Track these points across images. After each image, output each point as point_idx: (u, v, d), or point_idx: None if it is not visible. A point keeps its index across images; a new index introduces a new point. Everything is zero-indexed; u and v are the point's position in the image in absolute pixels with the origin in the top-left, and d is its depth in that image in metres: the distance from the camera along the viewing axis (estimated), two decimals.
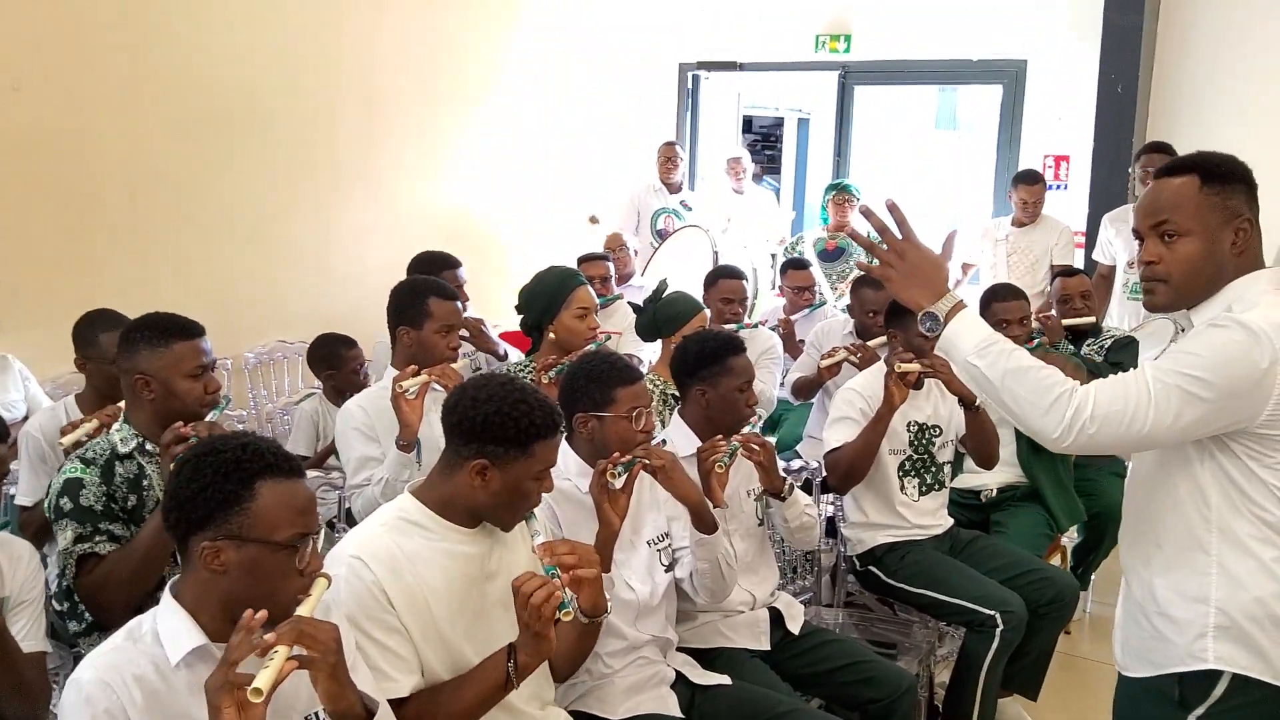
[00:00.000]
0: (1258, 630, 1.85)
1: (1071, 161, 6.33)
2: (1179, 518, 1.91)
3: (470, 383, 2.07)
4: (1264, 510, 1.84)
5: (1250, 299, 1.85)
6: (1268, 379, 1.77)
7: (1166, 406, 1.78)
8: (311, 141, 5.24)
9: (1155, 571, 1.96)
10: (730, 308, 4.57)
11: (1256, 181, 1.93)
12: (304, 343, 4.76)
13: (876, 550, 3.48)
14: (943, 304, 1.90)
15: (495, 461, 1.97)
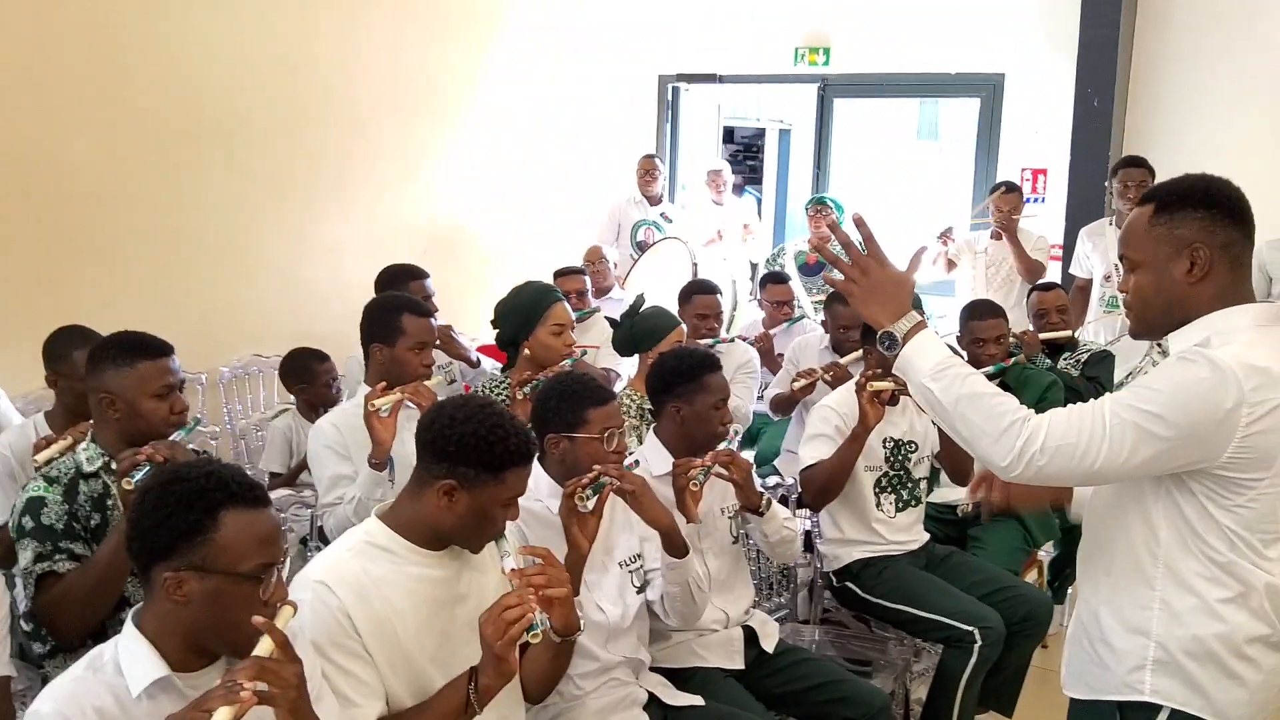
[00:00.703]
0: (1196, 667, 1.84)
1: (1049, 175, 6.36)
2: (1128, 549, 1.90)
3: (449, 402, 2.06)
4: (1214, 550, 1.81)
5: (1229, 334, 1.79)
6: (1230, 421, 1.72)
7: (1121, 443, 1.74)
8: (287, 155, 5.21)
9: (1101, 599, 1.95)
10: (705, 323, 4.57)
11: (1238, 204, 1.85)
12: (279, 356, 4.73)
13: (853, 566, 3.48)
14: (902, 323, 1.87)
15: (464, 484, 1.95)
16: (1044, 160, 6.37)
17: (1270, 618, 1.85)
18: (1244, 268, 1.86)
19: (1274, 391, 1.74)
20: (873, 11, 6.90)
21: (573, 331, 3.67)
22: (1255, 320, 1.81)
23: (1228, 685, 1.84)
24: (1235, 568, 1.81)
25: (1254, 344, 1.77)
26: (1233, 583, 1.82)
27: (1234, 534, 1.80)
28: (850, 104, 7.52)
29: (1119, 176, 5.22)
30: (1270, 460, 1.76)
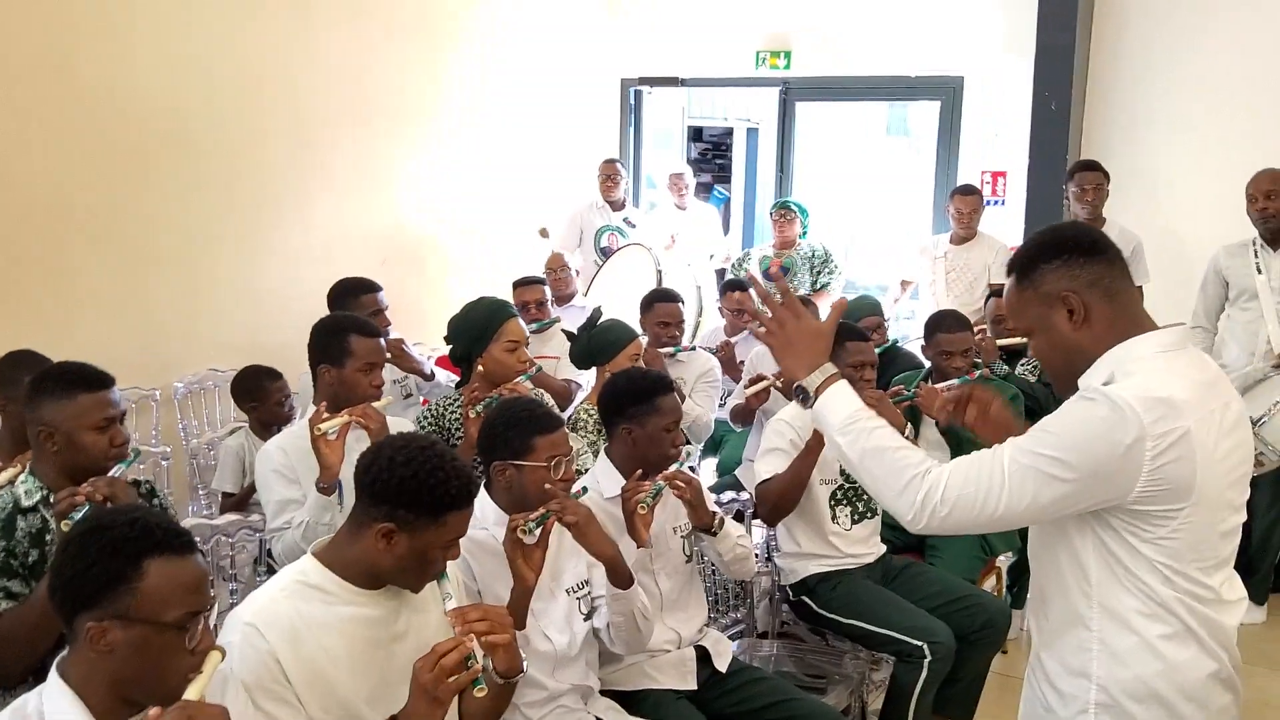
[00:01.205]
0: (1140, 709, 1.81)
1: (1009, 177, 6.38)
2: (1061, 591, 1.87)
3: (388, 442, 2.02)
4: (1149, 587, 1.78)
5: (1130, 366, 1.79)
6: (1134, 456, 1.70)
7: (1021, 489, 1.74)
8: (237, 166, 5.14)
9: (1043, 642, 1.94)
10: (667, 331, 4.57)
11: (1090, 240, 1.86)
12: (235, 370, 4.68)
13: (809, 580, 3.49)
14: (815, 377, 1.89)
15: (403, 527, 1.92)
16: (1004, 163, 6.39)
17: (1217, 651, 1.82)
18: (1123, 294, 1.85)
19: (1178, 421, 1.72)
20: (833, 15, 6.90)
21: (528, 346, 3.65)
22: (1159, 346, 1.81)
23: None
24: (1174, 603, 1.78)
25: (1156, 373, 1.76)
26: (1172, 619, 1.79)
27: (1166, 567, 1.77)
28: (814, 104, 7.52)
29: (1075, 180, 5.26)
30: (1188, 489, 1.74)
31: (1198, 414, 1.75)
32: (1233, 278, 4.65)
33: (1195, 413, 1.74)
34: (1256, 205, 4.47)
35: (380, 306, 4.20)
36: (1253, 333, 4.56)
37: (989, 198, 6.31)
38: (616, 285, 6.01)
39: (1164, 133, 5.88)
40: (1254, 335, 4.55)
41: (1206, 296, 4.76)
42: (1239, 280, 4.61)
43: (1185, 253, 5.38)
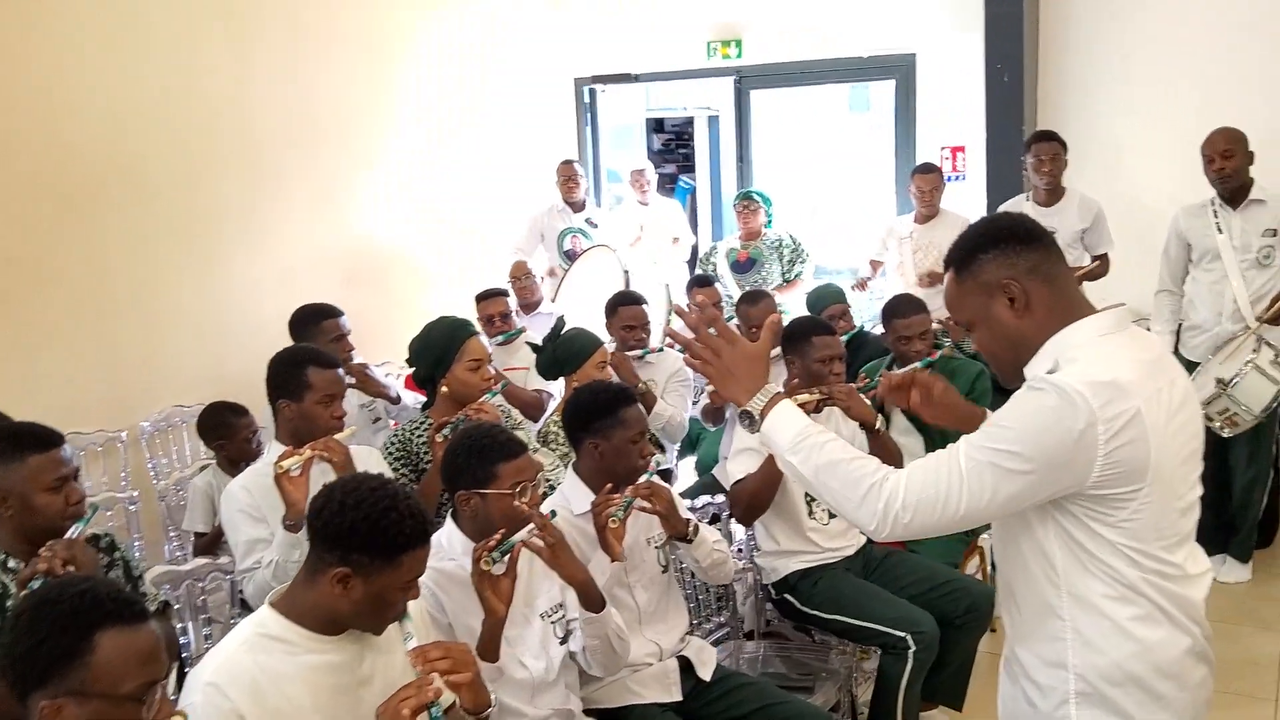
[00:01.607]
0: (1119, 693, 1.81)
1: (967, 152, 6.37)
2: (1029, 582, 1.87)
3: (339, 485, 1.99)
4: (1115, 570, 1.78)
5: (1073, 352, 1.79)
6: (1086, 442, 1.70)
7: (980, 486, 1.73)
8: (189, 197, 5.06)
9: (1017, 636, 1.93)
10: (633, 334, 4.54)
11: (1023, 229, 1.87)
12: (201, 405, 4.62)
13: (790, 578, 3.47)
14: (758, 400, 1.86)
15: (359, 571, 1.89)
16: (962, 138, 6.36)
17: (1189, 626, 1.83)
18: (1060, 279, 1.87)
19: (1127, 402, 1.72)
20: (781, 0, 6.86)
21: (492, 362, 3.61)
22: (1098, 330, 1.82)
23: (1153, 707, 1.82)
24: (1142, 584, 1.78)
25: (1099, 358, 1.76)
26: (1142, 600, 1.79)
27: (1130, 549, 1.77)
28: (769, 93, 7.49)
29: (1032, 151, 5.25)
30: (1143, 469, 1.74)
31: (1145, 393, 1.75)
32: (1194, 239, 4.64)
33: (1142, 392, 1.74)
34: (1214, 165, 4.46)
35: (342, 331, 4.16)
36: (1219, 293, 4.56)
37: (949, 174, 6.29)
38: (584, 289, 5.97)
39: (1118, 98, 5.88)
40: (1220, 295, 4.55)
41: (1170, 260, 4.76)
42: (1200, 241, 4.61)
43: (1147, 217, 5.38)
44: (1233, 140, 4.44)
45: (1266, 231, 4.47)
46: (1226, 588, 4.65)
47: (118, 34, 4.78)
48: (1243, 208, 4.50)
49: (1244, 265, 4.48)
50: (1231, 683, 3.85)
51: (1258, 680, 3.87)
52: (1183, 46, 5.68)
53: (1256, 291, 4.45)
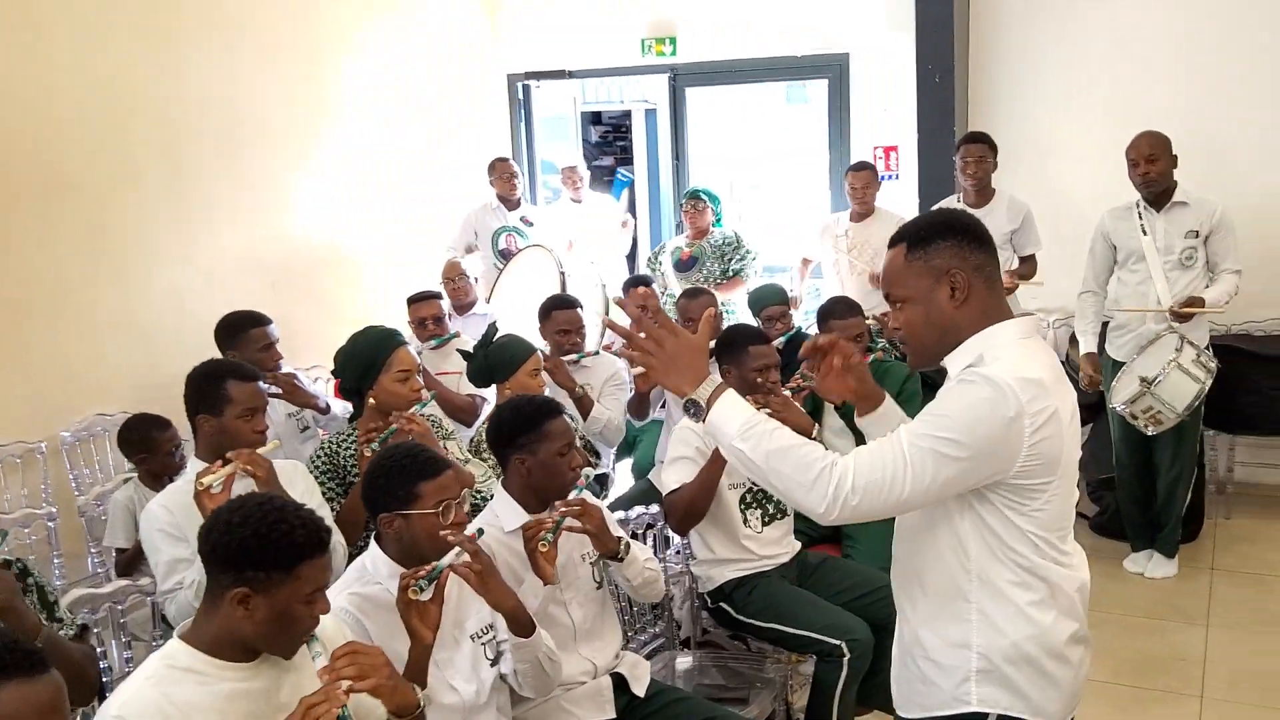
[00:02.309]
0: (1015, 672, 1.94)
1: (900, 151, 6.40)
2: (941, 567, 1.97)
3: (226, 507, 1.95)
4: (1020, 556, 1.91)
5: (998, 350, 1.91)
6: (1015, 432, 1.83)
7: (923, 470, 1.83)
8: (108, 200, 4.91)
9: (921, 618, 2.03)
10: (568, 339, 4.50)
11: (978, 229, 1.99)
12: (125, 414, 4.50)
13: (725, 586, 3.47)
14: (704, 389, 1.90)
15: (257, 588, 1.84)
16: (895, 137, 6.40)
17: (1078, 612, 1.99)
18: (998, 285, 1.99)
19: (1049, 400, 1.86)
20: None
21: (420, 374, 3.55)
22: (1018, 334, 1.95)
23: (1044, 685, 1.95)
24: (1041, 569, 1.93)
25: (1023, 358, 1.89)
26: (1040, 585, 1.93)
27: (1037, 537, 1.91)
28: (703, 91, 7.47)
29: (961, 153, 5.28)
30: (1055, 463, 1.89)
31: (1057, 394, 1.90)
32: (1119, 240, 4.71)
33: (1057, 394, 1.89)
34: (1139, 170, 4.52)
35: (270, 340, 4.08)
36: (1142, 293, 4.63)
37: (883, 172, 6.32)
38: (519, 290, 5.91)
39: (1047, 100, 5.94)
40: (1144, 296, 4.62)
41: (1095, 260, 4.82)
42: (1125, 243, 4.67)
43: (1075, 218, 5.44)
44: (1157, 145, 4.51)
45: (1189, 233, 4.55)
46: (1153, 583, 4.74)
47: (33, 30, 4.62)
48: (1166, 210, 4.57)
49: (1167, 266, 4.56)
50: (1158, 678, 3.93)
51: (1184, 676, 3.95)
52: (1110, 50, 5.75)
53: (1180, 292, 4.53)
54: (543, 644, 2.49)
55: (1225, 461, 5.47)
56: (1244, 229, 4.62)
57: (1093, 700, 2.74)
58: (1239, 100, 5.49)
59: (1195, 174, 4.66)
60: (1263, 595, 4.57)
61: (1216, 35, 5.52)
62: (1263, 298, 5.25)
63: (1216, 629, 4.29)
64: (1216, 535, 5.17)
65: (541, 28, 7.36)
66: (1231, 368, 4.78)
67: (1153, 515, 4.85)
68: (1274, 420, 5.26)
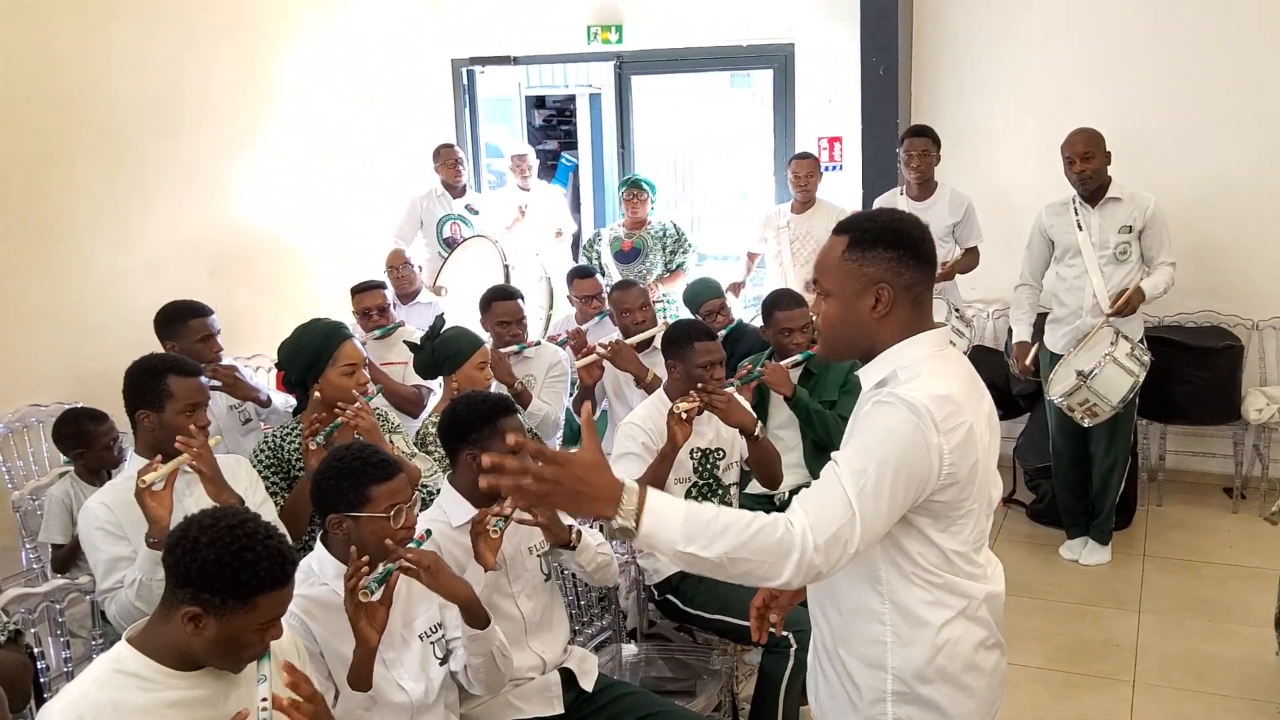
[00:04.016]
0: (932, 690, 1.95)
1: (844, 143, 6.44)
2: (853, 589, 1.96)
3: (195, 521, 1.89)
4: (933, 574, 1.91)
5: (913, 367, 1.89)
6: (935, 452, 1.82)
7: (867, 511, 1.77)
8: (40, 184, 4.78)
9: (837, 638, 2.03)
10: (508, 330, 4.47)
11: (923, 245, 1.95)
12: (61, 405, 4.41)
13: (673, 579, 3.49)
14: (626, 507, 1.66)
15: (210, 611, 1.81)
16: (838, 128, 6.44)
17: (988, 621, 2.00)
18: (924, 305, 1.96)
19: (962, 416, 1.85)
20: None
21: (366, 366, 3.52)
22: (932, 346, 1.93)
23: (960, 698, 1.97)
24: (954, 585, 1.93)
25: (935, 373, 1.88)
26: (954, 599, 1.94)
27: (954, 553, 1.92)
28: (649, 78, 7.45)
29: (904, 146, 5.34)
30: (971, 478, 1.88)
31: (971, 409, 1.89)
32: (1056, 236, 4.79)
33: (970, 408, 1.89)
34: (1074, 167, 4.60)
35: (211, 331, 4.00)
36: (1079, 288, 4.72)
37: (827, 163, 6.37)
38: (463, 280, 5.87)
39: (988, 94, 6.01)
40: (1081, 290, 4.71)
41: (1032, 255, 4.91)
42: (1062, 238, 4.76)
43: (1014, 211, 5.53)
44: (1091, 142, 4.59)
45: (1123, 229, 4.64)
46: (1087, 570, 4.85)
47: None
48: (1101, 205, 4.66)
49: (1103, 261, 4.65)
50: (1093, 664, 4.03)
51: (1118, 661, 4.05)
52: (1049, 45, 5.83)
53: (1115, 286, 4.63)
54: (496, 637, 2.48)
55: (1157, 450, 5.62)
56: (1173, 223, 4.72)
57: (1028, 685, 2.83)
58: (1169, 96, 5.60)
59: (1126, 170, 4.76)
60: (1193, 581, 4.70)
61: (1149, 31, 5.62)
62: (1192, 290, 5.39)
63: (1149, 614, 4.41)
64: (1148, 522, 5.30)
65: (486, 13, 7.29)
66: (1163, 359, 4.90)
67: (1088, 503, 4.97)
68: (1204, 410, 5.41)
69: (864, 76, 5.95)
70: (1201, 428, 5.56)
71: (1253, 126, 5.47)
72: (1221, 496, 5.57)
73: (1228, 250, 5.56)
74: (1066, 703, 3.79)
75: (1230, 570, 4.80)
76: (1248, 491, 5.50)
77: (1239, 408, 5.40)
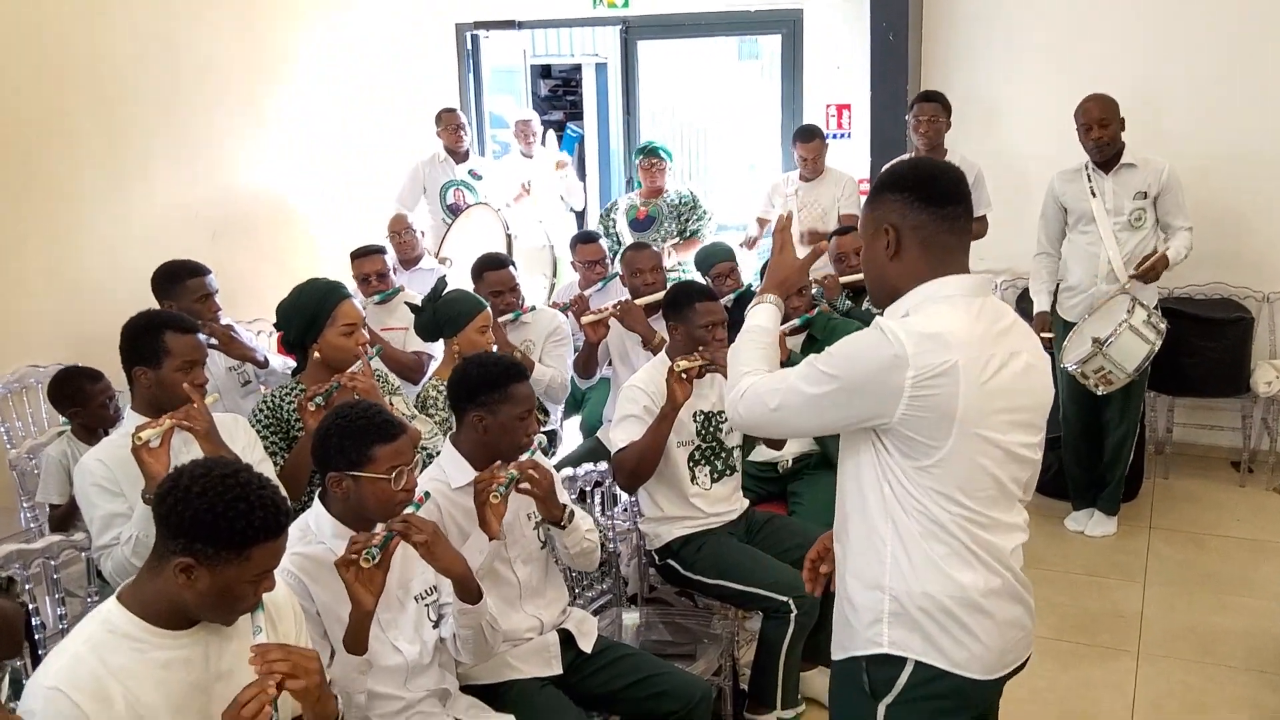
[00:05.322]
0: (928, 621, 1.94)
1: (853, 110, 6.37)
2: (861, 509, 2.00)
3: (187, 470, 1.84)
4: (926, 510, 1.92)
5: (925, 305, 1.94)
6: (893, 380, 1.85)
7: (795, 392, 1.95)
8: (39, 146, 4.73)
9: (845, 560, 2.06)
10: (502, 299, 4.40)
11: (937, 187, 1.97)
12: (58, 364, 4.37)
13: (673, 544, 3.46)
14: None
15: (203, 561, 1.77)
16: (847, 95, 6.36)
17: (1000, 571, 1.97)
18: (937, 248, 1.97)
19: (945, 355, 1.85)
20: None
21: (366, 326, 3.47)
22: (957, 290, 1.95)
23: (962, 636, 1.95)
24: (952, 526, 1.92)
25: (937, 315, 1.90)
26: (953, 541, 1.93)
27: (940, 494, 1.91)
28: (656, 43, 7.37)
29: (914, 111, 5.27)
30: (949, 421, 1.87)
31: (970, 353, 1.87)
32: (1069, 203, 4.73)
33: (967, 351, 1.87)
34: (1090, 134, 4.53)
35: (209, 290, 3.96)
36: (1093, 255, 4.66)
37: (834, 131, 6.30)
38: (466, 249, 5.81)
39: (1000, 60, 5.92)
40: (1094, 258, 4.65)
41: (1047, 222, 4.84)
42: (1075, 205, 4.70)
43: (1025, 181, 5.46)
44: (1106, 108, 4.52)
45: (1137, 195, 4.58)
46: (1093, 541, 4.82)
47: None
48: (1115, 172, 4.59)
49: (1117, 228, 4.59)
50: (1097, 635, 4.00)
51: (1122, 632, 4.02)
52: (1061, 11, 5.74)
53: (1129, 253, 4.57)
54: (487, 611, 2.45)
55: (1165, 423, 5.57)
56: (1185, 193, 4.66)
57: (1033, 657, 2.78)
58: (1183, 64, 5.51)
59: (1138, 138, 4.68)
60: (1198, 554, 4.67)
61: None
62: (1203, 261, 5.30)
63: (1154, 586, 4.38)
64: (1155, 495, 5.26)
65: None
66: (1172, 330, 4.81)
67: (1096, 475, 4.92)
68: (1213, 382, 5.35)
69: (873, 42, 5.86)
70: (1209, 401, 5.50)
71: (1270, 97, 5.38)
72: (1229, 470, 5.53)
73: (1239, 221, 5.48)
74: (1071, 672, 3.76)
75: (1236, 544, 4.76)
76: (1255, 465, 5.45)
77: (1248, 380, 5.34)
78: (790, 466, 4.08)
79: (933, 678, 1.95)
